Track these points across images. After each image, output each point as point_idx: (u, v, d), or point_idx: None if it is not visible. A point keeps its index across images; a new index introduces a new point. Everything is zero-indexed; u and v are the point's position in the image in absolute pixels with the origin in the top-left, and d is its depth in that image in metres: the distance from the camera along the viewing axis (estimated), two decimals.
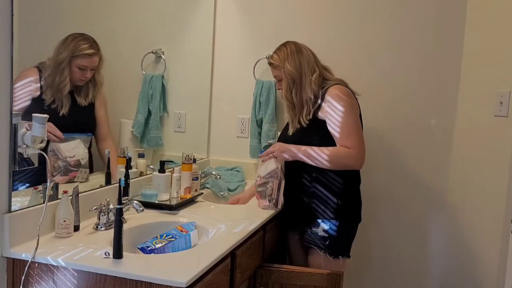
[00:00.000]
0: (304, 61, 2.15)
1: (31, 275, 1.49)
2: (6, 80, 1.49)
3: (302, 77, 2.13)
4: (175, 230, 1.82)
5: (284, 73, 2.16)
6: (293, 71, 2.14)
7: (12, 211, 1.53)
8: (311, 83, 2.12)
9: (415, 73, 2.62)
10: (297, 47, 2.20)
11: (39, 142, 1.53)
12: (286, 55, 2.17)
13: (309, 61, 2.17)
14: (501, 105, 2.16)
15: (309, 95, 2.11)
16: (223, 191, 2.58)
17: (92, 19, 2.02)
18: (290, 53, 2.17)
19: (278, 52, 2.22)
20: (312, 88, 2.11)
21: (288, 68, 2.15)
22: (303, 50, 2.19)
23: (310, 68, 2.15)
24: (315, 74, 2.14)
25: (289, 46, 2.21)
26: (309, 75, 2.13)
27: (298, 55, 2.17)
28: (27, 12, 1.61)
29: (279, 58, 2.20)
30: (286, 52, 2.18)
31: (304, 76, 2.13)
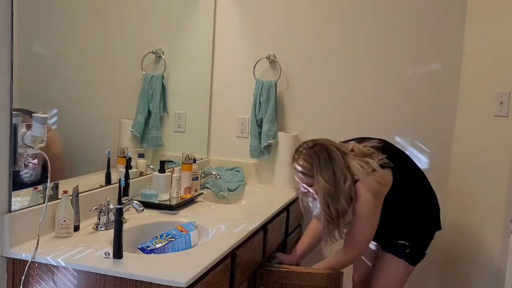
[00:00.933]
0: (337, 170, 1.96)
1: (31, 275, 1.49)
2: (6, 80, 1.49)
3: (337, 188, 1.95)
4: (175, 230, 1.82)
5: (318, 186, 1.97)
6: (328, 185, 1.94)
7: (12, 211, 1.53)
8: (344, 193, 1.95)
9: (415, 73, 2.62)
10: (329, 155, 1.97)
11: (39, 142, 1.53)
12: (319, 166, 1.96)
13: (341, 168, 1.97)
14: (501, 105, 2.16)
15: (345, 206, 1.96)
16: (223, 191, 2.58)
17: (92, 19, 2.02)
18: (324, 163, 1.96)
19: (308, 159, 1.99)
20: (346, 198, 1.96)
21: (322, 183, 1.95)
22: (334, 156, 1.97)
23: (343, 176, 1.96)
24: (347, 182, 1.96)
25: (321, 154, 1.97)
26: (342, 184, 1.95)
27: (332, 164, 1.96)
28: (27, 12, 1.61)
29: (311, 167, 1.97)
30: (319, 162, 1.96)
31: (338, 186, 1.95)
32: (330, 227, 2.00)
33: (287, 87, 2.82)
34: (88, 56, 1.99)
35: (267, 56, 2.81)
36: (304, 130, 2.78)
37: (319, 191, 1.98)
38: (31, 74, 1.69)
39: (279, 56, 2.80)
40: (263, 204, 2.36)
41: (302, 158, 2.00)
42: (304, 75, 2.78)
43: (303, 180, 2.02)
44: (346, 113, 2.71)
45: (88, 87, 2.00)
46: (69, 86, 1.90)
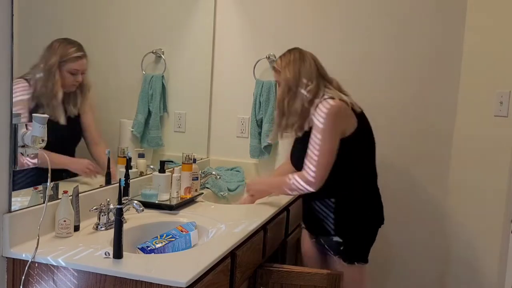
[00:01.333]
0: (304, 70, 2.08)
1: (31, 275, 1.49)
2: (6, 80, 1.49)
3: (297, 86, 2.06)
4: (175, 230, 1.82)
5: (282, 79, 2.11)
6: (291, 78, 2.07)
7: (12, 211, 1.53)
8: (303, 95, 2.05)
9: (415, 74, 2.62)
10: (301, 55, 2.12)
11: (39, 142, 1.53)
12: (288, 62, 2.11)
13: (309, 71, 2.08)
14: (501, 105, 2.17)
15: (298, 106, 2.05)
16: (223, 191, 2.58)
17: (93, 19, 2.02)
18: (292, 60, 2.10)
19: (283, 57, 2.16)
20: (303, 100, 2.05)
21: (286, 75, 2.09)
22: (306, 59, 2.11)
23: (308, 78, 2.07)
24: (311, 85, 2.05)
25: (294, 53, 2.14)
26: (304, 85, 2.06)
27: (300, 63, 2.09)
28: (27, 12, 1.61)
29: (281, 63, 2.14)
30: (289, 59, 2.12)
31: (299, 86, 2.06)
32: (278, 119, 2.13)
33: None
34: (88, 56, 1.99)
35: (267, 56, 2.81)
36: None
37: (282, 84, 2.10)
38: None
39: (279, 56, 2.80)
40: (263, 204, 2.36)
41: (279, 57, 2.18)
42: None
43: (275, 77, 2.19)
44: None
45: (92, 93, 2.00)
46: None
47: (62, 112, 1.83)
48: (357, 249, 2.12)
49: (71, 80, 1.88)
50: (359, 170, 2.11)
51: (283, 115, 2.10)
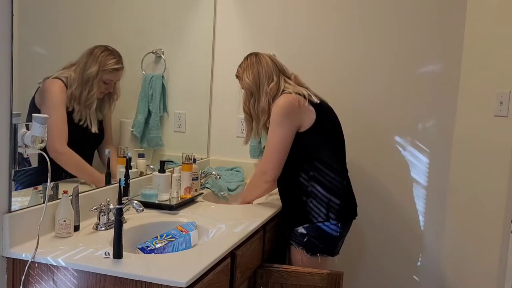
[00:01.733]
0: (262, 71, 2.15)
1: (31, 275, 1.49)
2: (6, 80, 1.49)
3: (259, 88, 2.14)
4: (175, 230, 1.82)
5: (243, 85, 2.20)
6: (250, 83, 2.15)
7: (12, 211, 1.53)
8: (267, 93, 2.12)
9: (415, 73, 2.62)
10: (258, 58, 2.19)
11: (39, 142, 1.53)
12: (245, 67, 2.19)
13: (267, 71, 2.15)
14: (501, 105, 2.16)
15: (264, 105, 2.13)
16: (223, 191, 2.58)
17: (92, 19, 2.02)
18: (249, 64, 2.18)
19: (241, 64, 2.24)
20: (268, 98, 2.12)
21: (246, 81, 2.17)
22: (262, 60, 2.18)
23: (267, 78, 2.14)
24: (272, 83, 2.13)
25: (250, 58, 2.21)
26: (265, 85, 2.13)
27: (257, 66, 2.17)
28: (27, 12, 1.61)
29: (241, 70, 2.22)
30: (246, 64, 2.20)
31: (261, 87, 2.14)
32: (251, 124, 2.21)
33: None
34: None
35: None
36: None
37: (244, 90, 2.20)
38: (31, 74, 1.69)
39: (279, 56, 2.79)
40: (263, 204, 2.36)
41: (239, 65, 2.25)
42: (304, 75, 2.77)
43: (240, 84, 2.24)
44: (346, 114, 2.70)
45: None
46: None
47: (93, 117, 1.88)
48: (321, 241, 2.10)
49: (103, 89, 1.92)
50: (323, 163, 2.11)
51: (251, 120, 2.21)
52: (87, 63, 1.81)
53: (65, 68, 1.79)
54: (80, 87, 1.79)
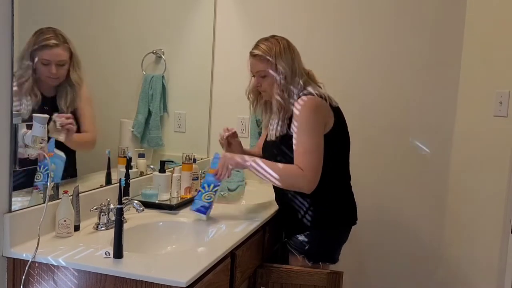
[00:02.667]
0: (296, 61, 1.98)
1: (32, 275, 1.49)
2: (6, 80, 1.49)
3: (293, 77, 1.95)
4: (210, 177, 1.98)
5: (276, 69, 1.94)
6: (287, 69, 1.94)
7: (13, 211, 1.53)
8: (297, 88, 1.95)
9: (415, 73, 2.62)
10: (290, 45, 2.00)
11: (40, 142, 1.53)
12: (279, 50, 1.96)
13: (299, 63, 2.00)
14: (501, 105, 2.16)
15: (293, 99, 1.94)
16: (223, 191, 2.58)
17: (93, 19, 2.02)
18: (283, 49, 1.96)
19: (268, 44, 1.99)
20: (298, 93, 1.94)
21: (282, 65, 1.93)
22: (295, 49, 2.01)
23: (300, 70, 1.98)
24: (303, 78, 1.98)
25: (282, 41, 2.00)
26: (299, 77, 1.96)
27: (291, 53, 1.98)
28: (27, 13, 1.61)
29: (270, 51, 1.96)
30: (278, 47, 1.96)
31: (295, 77, 1.95)
32: (282, 113, 1.94)
33: None
34: (88, 56, 1.99)
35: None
36: None
37: (276, 75, 1.94)
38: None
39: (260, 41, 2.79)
40: (263, 204, 2.36)
41: (262, 43, 2.00)
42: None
43: (258, 66, 1.98)
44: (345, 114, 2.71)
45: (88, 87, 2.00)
46: None
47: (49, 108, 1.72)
48: (323, 249, 2.05)
49: (45, 72, 1.71)
50: (334, 168, 2.00)
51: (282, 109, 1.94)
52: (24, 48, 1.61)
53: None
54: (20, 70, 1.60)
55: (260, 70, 1.98)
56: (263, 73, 1.98)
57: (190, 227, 1.94)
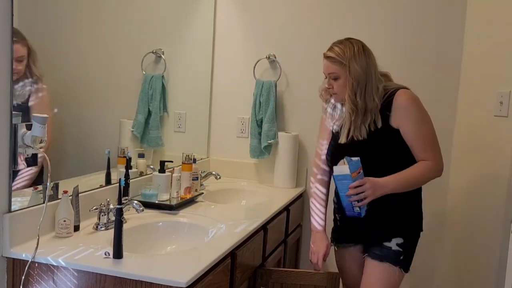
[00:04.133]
0: (371, 64, 1.92)
1: (31, 275, 1.49)
2: (6, 80, 1.49)
3: (367, 81, 1.89)
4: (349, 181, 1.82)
5: (349, 72, 1.88)
6: (361, 73, 1.88)
7: (12, 211, 1.53)
8: (378, 91, 1.89)
9: (415, 73, 2.61)
10: (365, 49, 1.95)
11: (39, 142, 1.53)
12: (353, 53, 1.90)
13: (375, 67, 1.95)
14: (501, 105, 2.16)
15: (375, 103, 1.88)
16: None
17: (93, 19, 2.02)
18: (358, 52, 1.91)
19: (342, 47, 1.94)
20: (379, 97, 1.89)
21: (355, 68, 1.88)
22: (371, 54, 1.96)
23: (376, 75, 1.92)
24: (381, 82, 1.93)
25: (357, 44, 1.94)
26: (375, 81, 1.90)
27: (365, 57, 1.92)
28: (27, 12, 1.61)
29: (343, 53, 1.91)
30: (353, 50, 1.91)
31: (370, 81, 1.89)
32: (354, 116, 1.90)
33: (287, 87, 2.82)
34: (88, 56, 1.99)
35: (267, 56, 2.81)
36: (304, 130, 2.78)
37: (349, 78, 1.89)
38: None
39: (279, 56, 2.80)
40: (263, 204, 2.37)
41: (337, 46, 1.95)
42: (304, 75, 2.78)
43: (331, 68, 1.93)
44: None
45: (88, 87, 2.00)
46: (70, 86, 1.90)
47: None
48: (413, 256, 2.00)
49: None
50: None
51: (357, 113, 1.90)
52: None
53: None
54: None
55: (332, 72, 1.94)
56: (335, 76, 1.93)
57: (190, 227, 1.94)
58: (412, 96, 1.92)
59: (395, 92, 1.91)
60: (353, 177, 1.81)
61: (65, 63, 1.87)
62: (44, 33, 1.76)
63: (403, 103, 1.89)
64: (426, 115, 1.93)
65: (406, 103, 1.89)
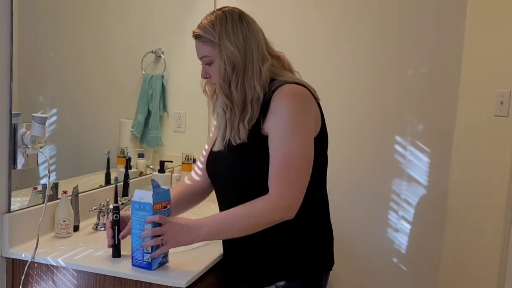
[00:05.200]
0: (252, 40, 1.41)
1: (31, 275, 1.49)
2: (6, 80, 1.49)
3: (247, 63, 1.39)
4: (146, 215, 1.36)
5: (220, 52, 1.39)
6: (235, 52, 1.38)
7: (12, 211, 1.53)
8: (260, 77, 1.38)
9: (415, 73, 2.61)
10: (242, 17, 1.44)
11: (39, 142, 1.53)
12: (224, 27, 1.40)
13: (259, 41, 1.43)
14: (502, 105, 2.16)
15: (257, 92, 1.37)
16: None
17: (92, 18, 2.02)
18: (231, 24, 1.41)
19: (212, 19, 1.44)
20: (262, 84, 1.38)
21: (228, 47, 1.38)
22: (250, 23, 1.45)
23: (260, 52, 1.41)
24: (266, 63, 1.41)
25: (231, 14, 1.43)
26: (258, 62, 1.40)
27: (243, 29, 1.41)
28: (26, 12, 1.60)
29: (212, 28, 1.41)
30: (224, 22, 1.41)
31: (250, 62, 1.39)
32: (229, 113, 1.41)
33: None
34: (88, 56, 1.99)
35: None
36: None
37: (218, 60, 1.39)
38: (31, 74, 1.69)
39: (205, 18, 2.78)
40: None
41: (206, 19, 1.46)
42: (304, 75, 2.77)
43: (201, 50, 1.44)
44: (345, 113, 2.71)
45: (88, 87, 2.00)
46: (69, 86, 1.90)
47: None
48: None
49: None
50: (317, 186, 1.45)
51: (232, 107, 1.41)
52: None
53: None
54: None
55: (202, 55, 1.45)
56: (209, 60, 1.43)
57: None
58: (293, 91, 1.37)
59: (279, 85, 1.38)
60: (154, 210, 1.35)
61: (65, 63, 1.87)
62: (44, 33, 1.76)
63: (277, 101, 1.35)
64: (296, 123, 1.34)
65: (280, 101, 1.35)
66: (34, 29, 1.69)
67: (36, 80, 1.72)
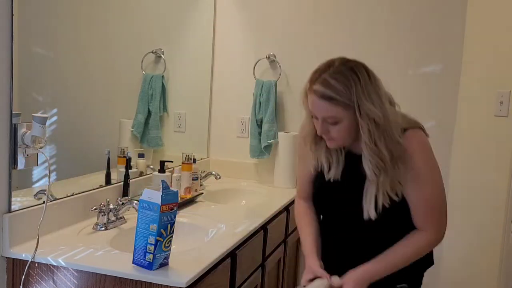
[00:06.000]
0: (383, 94, 1.39)
1: (31, 275, 1.49)
2: (6, 80, 1.49)
3: (386, 117, 1.36)
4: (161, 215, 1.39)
5: (361, 115, 1.34)
6: (376, 111, 1.34)
7: (12, 211, 1.53)
8: (397, 128, 1.39)
9: (415, 73, 2.62)
10: (370, 74, 1.40)
11: (39, 142, 1.53)
12: (361, 87, 1.34)
13: (386, 94, 1.42)
14: (501, 105, 2.16)
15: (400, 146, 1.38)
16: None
17: (92, 19, 2.02)
18: (364, 82, 1.35)
19: (342, 79, 1.36)
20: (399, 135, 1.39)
21: (369, 108, 1.33)
22: (377, 78, 1.41)
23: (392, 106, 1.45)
24: (399, 113, 1.45)
25: (360, 71, 1.38)
26: (393, 115, 1.39)
27: (376, 84, 1.38)
28: (27, 12, 1.60)
29: (347, 90, 1.34)
30: (358, 81, 1.35)
31: (387, 115, 1.37)
32: (382, 177, 1.37)
33: (287, 87, 2.82)
34: (88, 56, 1.99)
35: (267, 56, 2.81)
36: None
37: (362, 123, 1.34)
38: (31, 74, 1.69)
39: (279, 55, 2.80)
40: (263, 204, 2.36)
41: (332, 77, 1.36)
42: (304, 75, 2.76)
43: (329, 111, 1.36)
44: None
45: (88, 87, 2.00)
46: (69, 86, 1.90)
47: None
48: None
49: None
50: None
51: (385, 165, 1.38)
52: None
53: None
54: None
55: (331, 116, 1.37)
56: (335, 120, 1.38)
57: (190, 227, 1.94)
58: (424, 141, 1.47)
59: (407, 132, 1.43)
60: (162, 211, 1.37)
61: (65, 63, 1.87)
62: (44, 33, 1.76)
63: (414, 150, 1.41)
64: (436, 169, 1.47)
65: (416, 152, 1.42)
66: (34, 29, 1.69)
67: (36, 80, 1.72)
